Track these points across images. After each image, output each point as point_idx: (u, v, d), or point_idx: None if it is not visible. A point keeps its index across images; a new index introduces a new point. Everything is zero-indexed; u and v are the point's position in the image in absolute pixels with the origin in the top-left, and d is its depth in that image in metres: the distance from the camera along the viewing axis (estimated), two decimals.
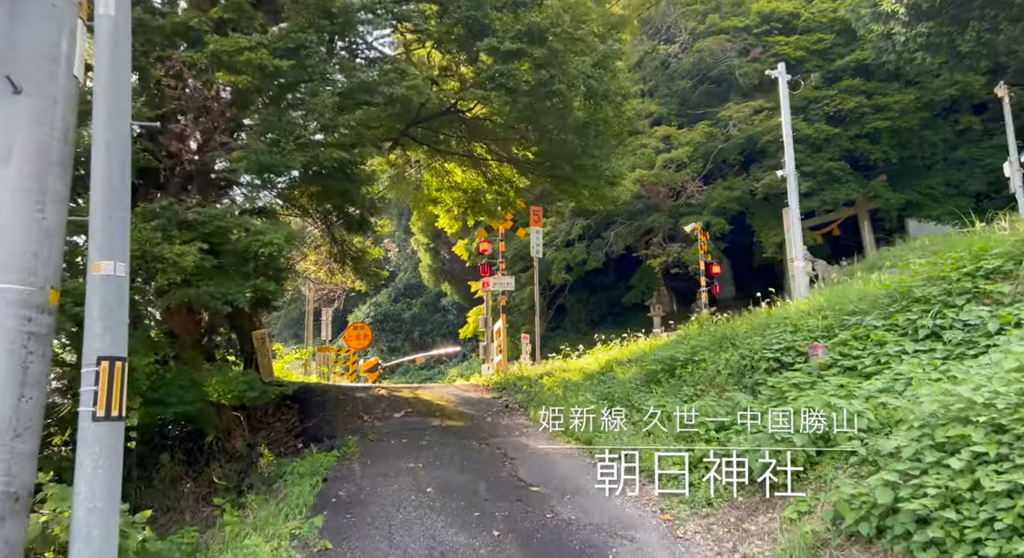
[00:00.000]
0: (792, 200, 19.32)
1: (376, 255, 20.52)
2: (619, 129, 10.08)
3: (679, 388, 8.74)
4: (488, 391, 14.12)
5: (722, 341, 9.01)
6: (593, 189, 10.29)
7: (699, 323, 11.11)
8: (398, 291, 44.57)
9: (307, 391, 14.35)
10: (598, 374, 11.80)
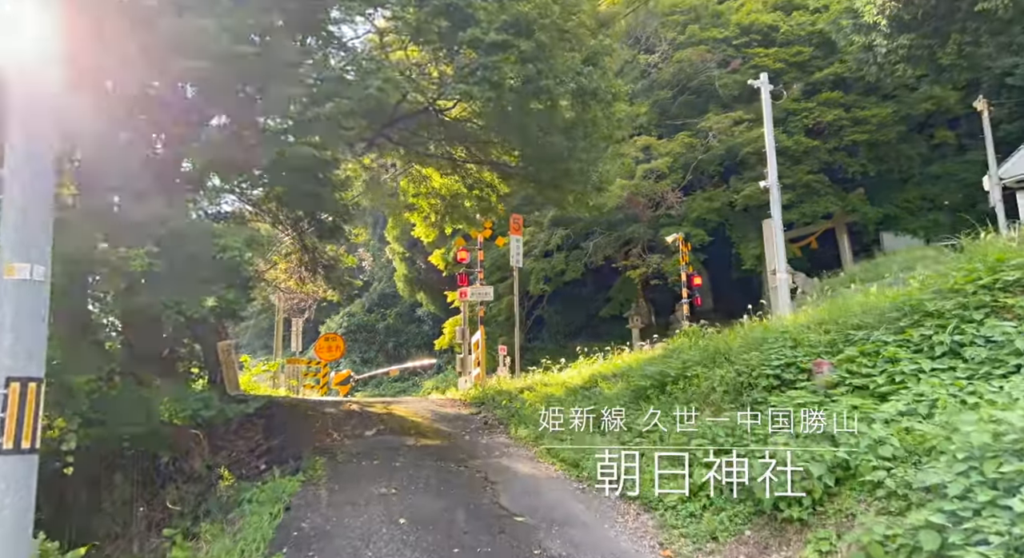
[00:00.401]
0: (775, 211, 19.05)
1: (349, 263, 19.81)
2: (608, 131, 9.57)
3: (671, 406, 8.19)
4: (466, 406, 13.48)
5: (715, 356, 8.51)
6: (579, 195, 9.75)
7: (688, 336, 10.60)
8: (372, 301, 43.70)
9: (274, 406, 13.58)
10: (582, 389, 11.25)
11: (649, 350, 13.43)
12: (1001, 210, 18.90)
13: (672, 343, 11.34)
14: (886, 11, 17.94)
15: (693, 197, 27.33)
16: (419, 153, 10.76)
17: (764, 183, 19.22)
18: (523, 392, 12.98)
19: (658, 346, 21.88)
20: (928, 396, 5.31)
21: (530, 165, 9.49)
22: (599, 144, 9.32)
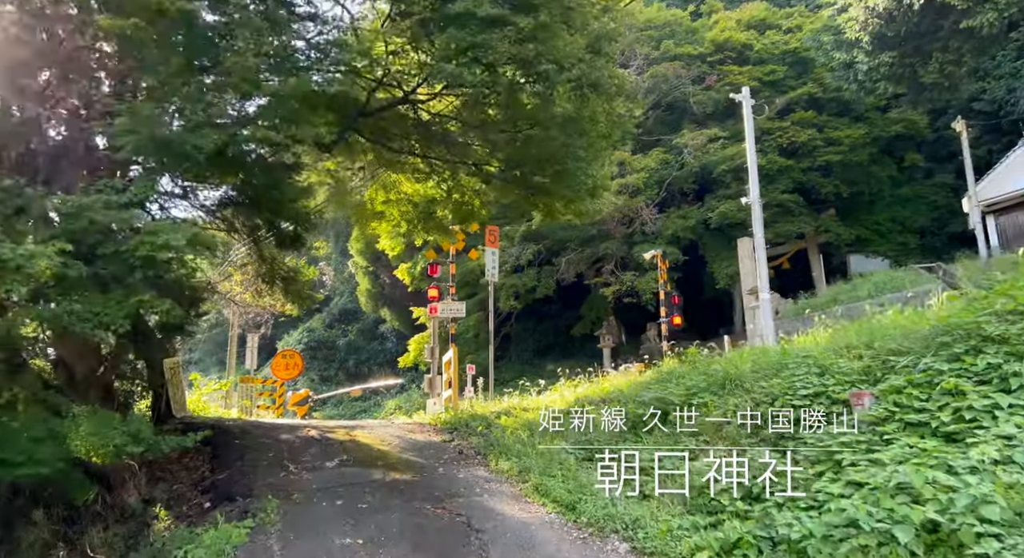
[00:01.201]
0: (757, 228, 18.49)
1: (311, 276, 18.57)
2: (607, 129, 8.71)
3: (677, 439, 7.28)
4: (437, 432, 12.35)
5: (725, 382, 7.63)
6: (571, 200, 8.87)
7: (685, 359, 9.71)
8: (333, 316, 42.16)
9: (223, 431, 12.29)
10: (567, 416, 10.24)
11: (636, 373, 12.53)
12: (980, 232, 18.66)
13: (665, 365, 10.46)
14: (869, 28, 17.65)
15: (668, 214, 26.80)
16: (392, 150, 9.71)
17: (745, 199, 18.67)
18: (500, 417, 11.93)
19: (636, 367, 21.05)
20: (1020, 440, 4.47)
21: (519, 167, 8.56)
22: (597, 143, 8.44)
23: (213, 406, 19.11)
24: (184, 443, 7.14)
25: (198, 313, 15.29)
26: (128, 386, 13.79)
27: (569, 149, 7.61)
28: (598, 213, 11.28)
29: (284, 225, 14.87)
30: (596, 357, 32.30)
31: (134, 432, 5.87)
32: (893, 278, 20.45)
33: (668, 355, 21.07)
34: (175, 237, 5.06)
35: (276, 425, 14.12)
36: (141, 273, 5.13)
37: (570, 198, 8.70)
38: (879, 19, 17.40)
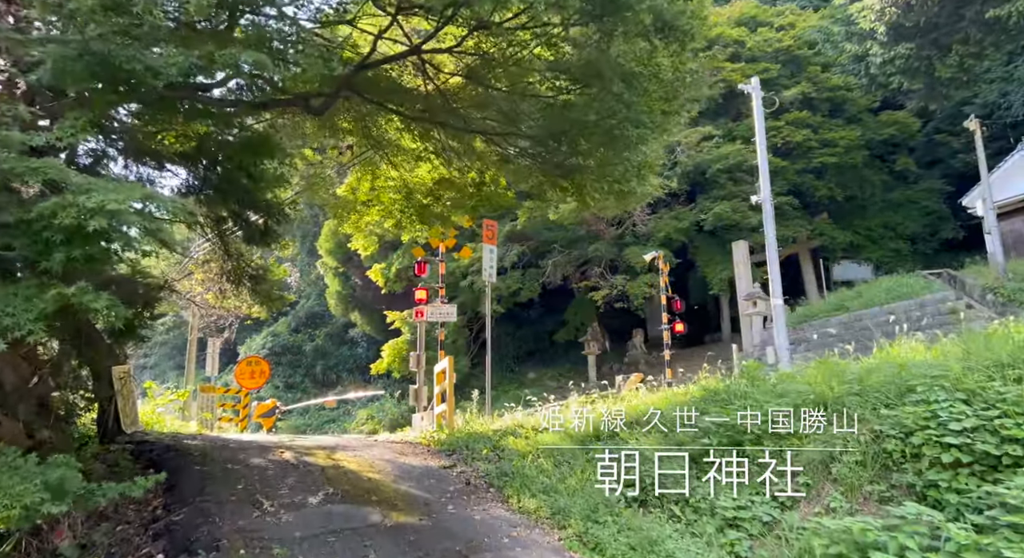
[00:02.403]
0: (768, 229, 17.29)
1: (281, 275, 16.77)
2: (671, 90, 7.21)
3: (763, 478, 5.80)
4: (433, 455, 10.72)
5: (817, 405, 6.19)
6: (615, 182, 7.34)
7: (748, 373, 8.27)
8: (299, 320, 40.02)
9: (180, 454, 10.49)
10: (594, 439, 8.73)
11: (673, 388, 11.07)
12: (997, 237, 17.75)
13: (711, 383, 9.00)
14: (885, 17, 16.57)
15: (660, 215, 25.57)
16: (402, 112, 8.05)
17: (756, 198, 17.48)
18: (507, 438, 10.39)
19: (634, 378, 19.62)
20: None
21: (552, 140, 6.99)
22: (656, 109, 6.94)
23: (169, 418, 17.12)
24: (131, 491, 5.41)
25: (153, 315, 13.55)
26: (69, 398, 11.98)
27: (625, 114, 6.12)
28: (643, 199, 9.77)
29: (253, 217, 13.21)
30: (580, 364, 30.95)
31: (56, 482, 4.18)
32: (902, 285, 19.46)
33: (669, 365, 19.77)
34: (111, 199, 3.41)
35: (243, 444, 12.27)
36: (63, 253, 3.49)
37: (615, 179, 7.22)
38: (896, 8, 16.37)
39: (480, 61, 6.53)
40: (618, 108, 5.98)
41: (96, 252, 3.78)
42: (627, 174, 7.21)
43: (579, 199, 8.10)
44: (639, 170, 7.31)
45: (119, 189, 3.63)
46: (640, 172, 7.36)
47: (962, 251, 29.80)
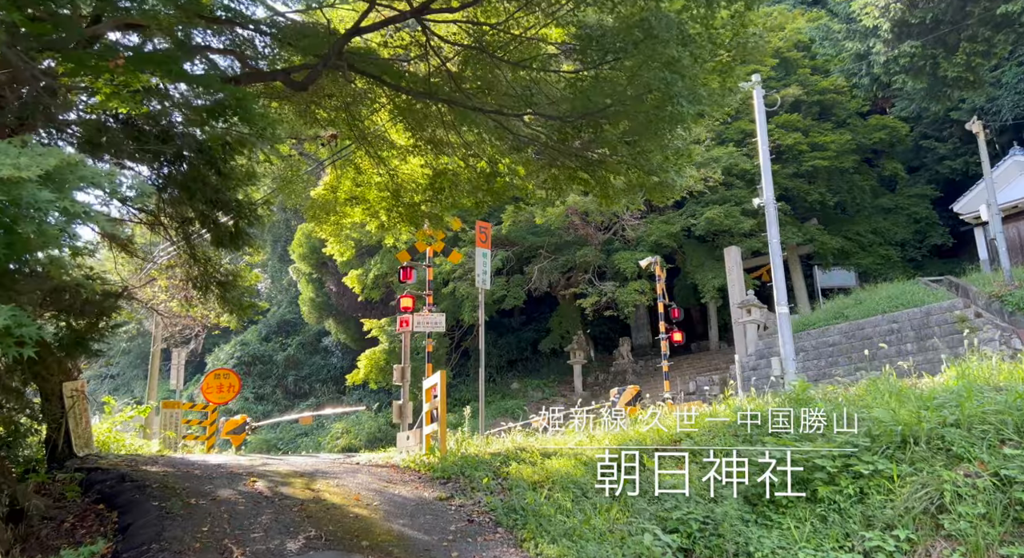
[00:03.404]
0: (772, 232, 16.47)
1: (253, 281, 15.54)
2: (727, 62, 6.23)
3: (847, 529, 4.79)
4: (425, 483, 9.55)
5: (907, 438, 5.20)
6: (649, 173, 6.27)
7: (799, 394, 7.26)
8: (270, 328, 38.44)
9: (136, 486, 9.19)
10: (612, 465, 7.66)
11: (699, 406, 10.05)
12: (1002, 243, 17.15)
13: (746, 403, 8.01)
14: (890, 14, 15.88)
15: (651, 220, 24.73)
16: (405, 89, 6.89)
17: (758, 201, 16.69)
18: (510, 464, 9.29)
19: (630, 392, 18.64)
20: None
21: (577, 121, 5.92)
22: (709, 84, 5.91)
23: (129, 436, 15.67)
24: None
25: (108, 325, 12.23)
26: (11, 418, 10.66)
27: (678, 87, 5.09)
28: (677, 194, 8.73)
29: (223, 218, 12.01)
30: (564, 374, 29.96)
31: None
32: (904, 292, 18.79)
33: (667, 378, 18.81)
34: (20, 163, 2.30)
35: (209, 470, 10.96)
36: None
37: (649, 170, 6.18)
38: (902, 4, 15.71)
39: (491, 32, 5.47)
40: (669, 79, 4.97)
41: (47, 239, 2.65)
42: (665, 163, 6.20)
43: (602, 194, 7.07)
44: (677, 158, 6.31)
45: (33, 152, 2.49)
46: (678, 161, 6.36)
47: (950, 258, 29.51)
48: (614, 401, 16.64)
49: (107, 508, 8.74)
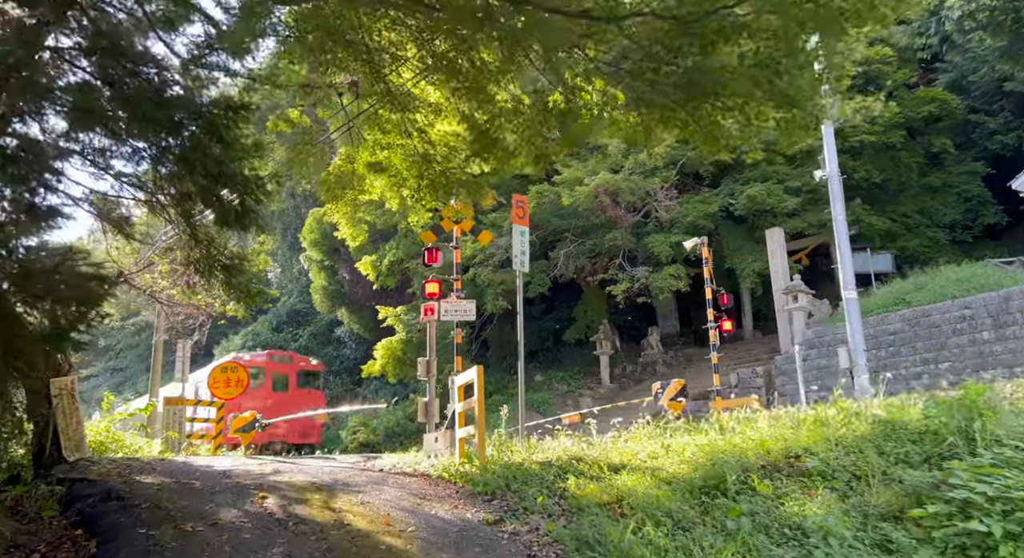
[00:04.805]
0: (836, 209, 14.81)
1: (261, 266, 14.07)
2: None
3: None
4: (466, 500, 8.04)
5: None
6: (791, 100, 4.66)
7: (967, 399, 5.67)
8: (281, 318, 37.11)
9: (124, 506, 7.72)
10: (715, 489, 6.11)
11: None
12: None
13: (896, 410, 6.41)
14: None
15: (686, 199, 23.06)
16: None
17: (819, 173, 15.06)
18: (566, 477, 7.80)
19: (673, 401, 17.04)
20: None
21: (666, 46, 4.36)
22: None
23: (129, 435, 14.24)
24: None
25: (98, 314, 10.80)
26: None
27: None
28: (815, 133, 7.01)
29: (227, 195, 10.56)
30: (590, 365, 28.40)
31: None
32: (975, 275, 17.12)
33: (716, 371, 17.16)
34: None
35: (212, 481, 9.45)
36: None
37: (784, 97, 4.63)
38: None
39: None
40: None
41: None
42: (814, 86, 4.62)
43: (705, 138, 5.48)
44: (838, 81, 4.73)
45: None
46: (838, 84, 4.74)
47: (1003, 239, 27.68)
48: (657, 395, 15.08)
49: (86, 534, 7.24)
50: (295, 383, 22.94)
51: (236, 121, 10.32)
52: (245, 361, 21.68)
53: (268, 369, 22.67)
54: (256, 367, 22.09)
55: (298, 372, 23.27)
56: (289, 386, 22.73)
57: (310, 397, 22.66)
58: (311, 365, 24.59)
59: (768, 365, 21.00)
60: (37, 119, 9.87)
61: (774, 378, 20.03)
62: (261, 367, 22.48)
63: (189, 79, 9.80)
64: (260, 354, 24.21)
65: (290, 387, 22.73)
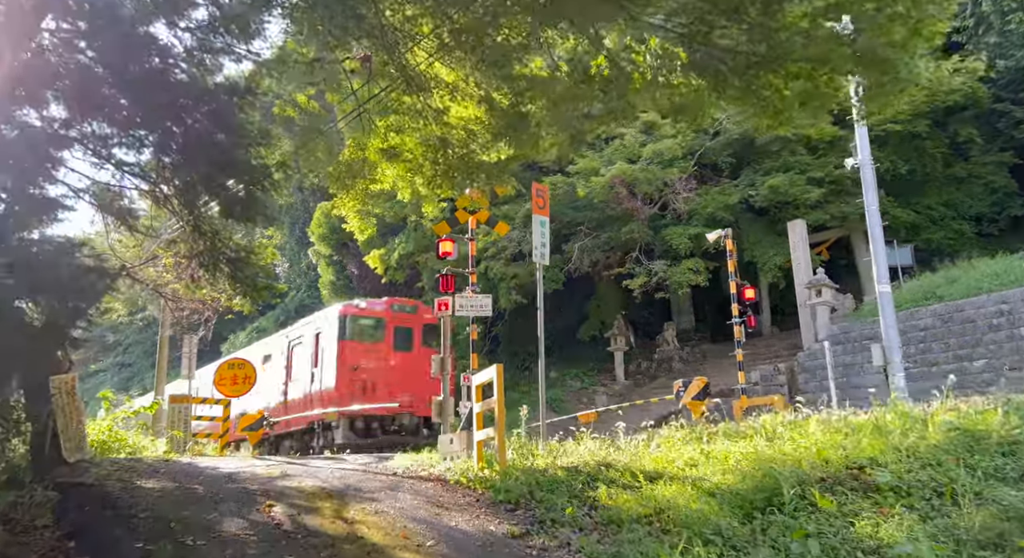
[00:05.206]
0: (869, 197, 14.15)
1: (269, 259, 13.50)
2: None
3: None
4: (488, 509, 7.49)
5: None
6: (879, 58, 4.05)
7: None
8: (288, 313, 36.65)
9: (119, 516, 7.23)
10: (768, 504, 5.52)
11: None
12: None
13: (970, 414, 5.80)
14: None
15: (705, 190, 22.39)
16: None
17: (851, 161, 14.40)
18: (595, 485, 7.23)
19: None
20: None
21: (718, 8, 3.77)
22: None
23: (132, 434, 13.76)
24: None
25: (98, 309, 10.33)
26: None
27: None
28: (900, 101, 6.27)
29: (232, 184, 10.12)
30: (603, 361, 27.80)
31: None
32: (1012, 268, 16.40)
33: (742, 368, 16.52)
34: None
35: (217, 486, 8.91)
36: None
37: (878, 57, 3.99)
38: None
39: None
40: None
41: None
42: (910, 45, 3.98)
43: (767, 110, 4.84)
44: (931, 37, 4.09)
45: None
46: (931, 38, 4.11)
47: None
48: (679, 394, 14.45)
49: (79, 548, 6.74)
50: (420, 340, 17.60)
51: (242, 106, 9.78)
52: (360, 309, 17.37)
53: (389, 321, 17.43)
54: (374, 317, 17.32)
55: (424, 326, 17.71)
56: (414, 343, 17.43)
57: None
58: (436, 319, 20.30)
59: (790, 362, 20.35)
60: (36, 106, 9.35)
61: (796, 375, 19.39)
62: (381, 318, 17.39)
63: (193, 65, 9.27)
64: (379, 302, 18.44)
65: (415, 345, 17.46)
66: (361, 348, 16.68)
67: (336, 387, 16.57)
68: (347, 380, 16.24)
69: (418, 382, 15.75)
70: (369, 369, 16.48)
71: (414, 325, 17.69)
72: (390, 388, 16.47)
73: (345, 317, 16.99)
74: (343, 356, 16.56)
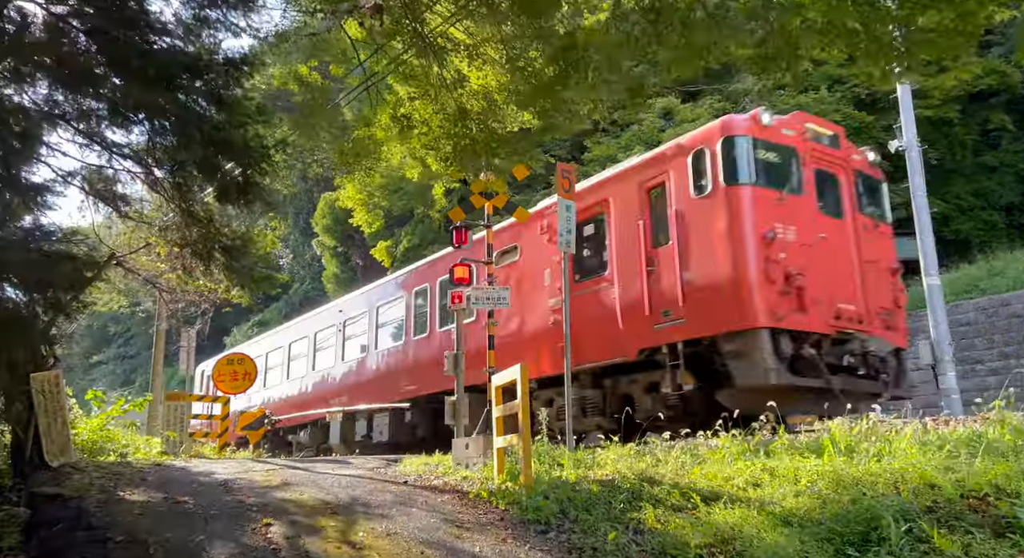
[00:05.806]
0: (916, 184, 13.27)
1: (269, 247, 12.70)
2: None
3: None
4: (514, 529, 6.53)
5: None
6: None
7: None
8: (292, 306, 35.88)
9: (88, 540, 6.27)
10: (864, 536, 4.57)
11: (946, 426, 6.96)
12: None
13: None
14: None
15: None
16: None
17: (896, 144, 13.44)
18: (639, 506, 6.29)
19: None
20: None
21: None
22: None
23: (126, 431, 12.92)
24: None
25: (81, 300, 9.63)
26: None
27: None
28: (971, 47, 5.05)
29: (228, 167, 9.43)
30: None
31: None
32: None
33: None
34: None
35: (209, 497, 7.98)
36: None
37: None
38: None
39: None
40: None
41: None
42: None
43: (872, 55, 3.85)
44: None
45: None
46: None
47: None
48: None
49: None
50: (854, 201, 9.84)
51: (238, 78, 9.05)
52: (763, 127, 9.05)
53: (807, 159, 9.44)
54: (781, 145, 9.21)
55: (856, 175, 10.06)
56: (843, 206, 9.71)
57: (878, 241, 9.99)
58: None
59: None
60: (19, 81, 8.73)
61: None
62: (791, 147, 9.32)
63: (187, 38, 8.63)
64: (788, 117, 9.87)
65: (845, 209, 9.69)
66: (773, 204, 8.85)
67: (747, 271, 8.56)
68: (762, 260, 8.48)
69: (859, 280, 9.12)
70: (790, 246, 8.62)
71: (839, 171, 9.83)
72: (825, 286, 8.79)
73: (734, 139, 8.97)
74: (753, 217, 8.73)
